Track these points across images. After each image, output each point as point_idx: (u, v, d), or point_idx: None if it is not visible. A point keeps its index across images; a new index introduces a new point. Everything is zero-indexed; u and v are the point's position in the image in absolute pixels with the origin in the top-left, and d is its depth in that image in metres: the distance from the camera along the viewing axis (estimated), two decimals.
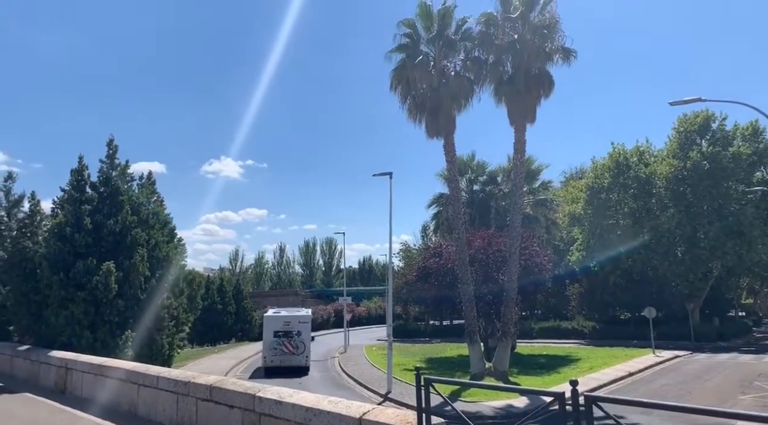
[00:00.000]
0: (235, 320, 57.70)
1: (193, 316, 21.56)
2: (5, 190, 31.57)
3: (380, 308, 76.61)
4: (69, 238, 17.76)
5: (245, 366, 33.57)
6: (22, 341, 19.84)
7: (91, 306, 16.92)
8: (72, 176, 19.23)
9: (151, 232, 19.26)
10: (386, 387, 22.43)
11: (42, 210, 23.51)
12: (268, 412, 7.34)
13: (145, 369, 10.69)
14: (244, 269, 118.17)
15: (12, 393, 13.86)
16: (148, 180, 21.10)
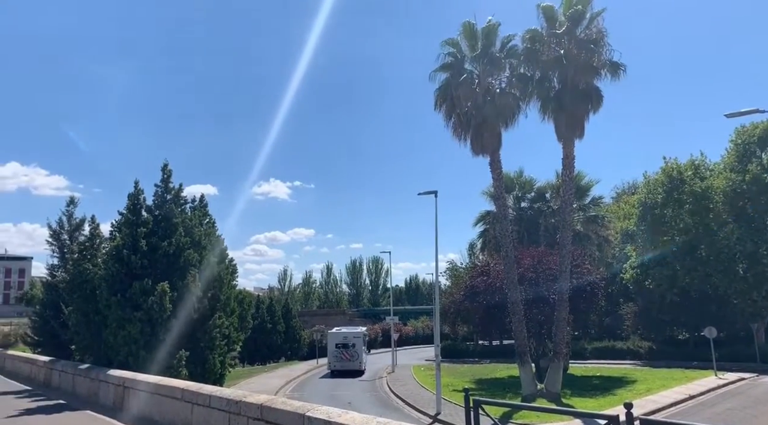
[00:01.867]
0: (285, 339, 58.31)
1: (243, 335, 21.97)
2: (68, 214, 33.22)
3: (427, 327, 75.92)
4: (126, 260, 18.46)
5: (295, 385, 33.81)
6: (83, 359, 20.61)
7: (147, 326, 17.47)
8: (129, 200, 20.04)
9: (203, 253, 19.81)
10: (435, 408, 22.17)
11: (101, 233, 24.56)
12: None
13: (198, 388, 10.93)
14: (292, 288, 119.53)
15: (74, 410, 14.39)
16: (201, 203, 21.78)
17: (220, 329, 19.02)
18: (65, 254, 32.39)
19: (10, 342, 65.27)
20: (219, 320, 18.95)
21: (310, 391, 29.71)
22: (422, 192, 24.93)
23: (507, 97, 24.92)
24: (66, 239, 32.73)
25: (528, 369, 24.53)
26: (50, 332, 30.53)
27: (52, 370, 20.81)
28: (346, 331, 42.46)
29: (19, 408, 15.22)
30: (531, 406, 17.23)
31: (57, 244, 32.84)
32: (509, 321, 26.12)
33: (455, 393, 25.75)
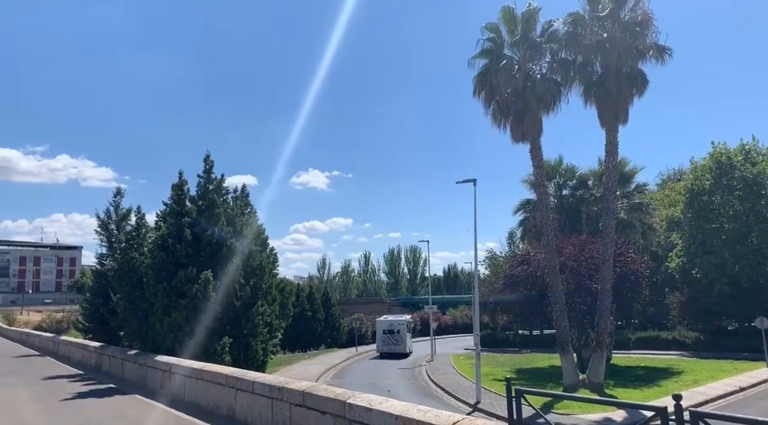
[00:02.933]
0: (324, 327, 59.05)
1: (285, 323, 22.31)
2: (115, 205, 34.22)
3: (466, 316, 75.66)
4: (171, 249, 18.92)
5: (335, 372, 34.22)
6: (131, 345, 21.30)
7: (191, 313, 17.91)
8: (173, 191, 20.50)
9: (245, 242, 20.15)
10: (475, 397, 22.12)
11: (147, 223, 25.26)
12: (359, 419, 7.42)
13: (241, 374, 11.15)
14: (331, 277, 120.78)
15: (124, 394, 14.88)
16: (242, 193, 22.14)
17: (262, 316, 19.36)
18: (113, 243, 33.41)
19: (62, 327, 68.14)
20: (261, 307, 19.29)
21: (350, 379, 30.02)
22: (461, 181, 24.75)
23: (548, 83, 24.42)
24: (113, 228, 33.73)
25: (570, 359, 24.18)
26: (100, 318, 31.59)
27: (103, 355, 21.57)
28: (392, 319, 48.20)
29: (72, 391, 15.85)
30: (575, 396, 16.97)
31: (105, 234, 33.88)
32: (550, 311, 25.77)
33: (495, 383, 25.62)
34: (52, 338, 34.94)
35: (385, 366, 37.73)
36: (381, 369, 35.31)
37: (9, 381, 18.70)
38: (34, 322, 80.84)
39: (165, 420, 11.22)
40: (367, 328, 62.39)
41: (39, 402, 14.04)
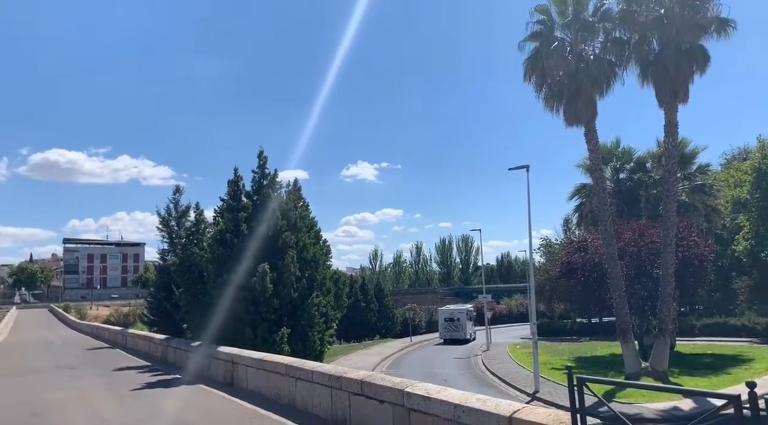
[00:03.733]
0: (378, 317, 59.51)
1: (340, 313, 22.60)
2: (174, 202, 35.38)
3: (521, 305, 74.63)
4: (229, 243, 19.45)
5: (391, 362, 34.48)
6: (194, 337, 22.05)
7: (250, 305, 18.39)
8: (229, 187, 21.04)
9: (299, 235, 20.48)
10: (533, 386, 21.85)
11: (205, 219, 26.04)
12: (417, 408, 7.45)
13: (301, 364, 11.37)
14: (383, 268, 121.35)
15: (189, 384, 15.43)
16: (295, 187, 22.47)
17: (318, 307, 19.67)
18: (173, 239, 34.60)
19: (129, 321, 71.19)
20: (316, 299, 19.60)
21: (406, 368, 30.18)
22: (513, 167, 24.36)
23: (602, 64, 23.65)
24: (174, 225, 34.89)
25: (631, 346, 23.52)
26: (164, 312, 32.79)
27: (168, 347, 22.41)
28: (453, 308, 52.94)
29: (141, 381, 16.57)
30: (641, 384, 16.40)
31: (166, 230, 35.09)
32: (609, 298, 25.10)
33: (553, 372, 25.21)
34: (120, 331, 36.56)
35: (440, 355, 37.73)
36: (437, 359, 35.34)
37: (83, 373, 19.73)
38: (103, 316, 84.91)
39: (229, 409, 11.58)
40: (421, 318, 62.50)
41: (111, 392, 14.74)
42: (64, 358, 26.17)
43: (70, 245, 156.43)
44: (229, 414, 11.04)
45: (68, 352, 29.95)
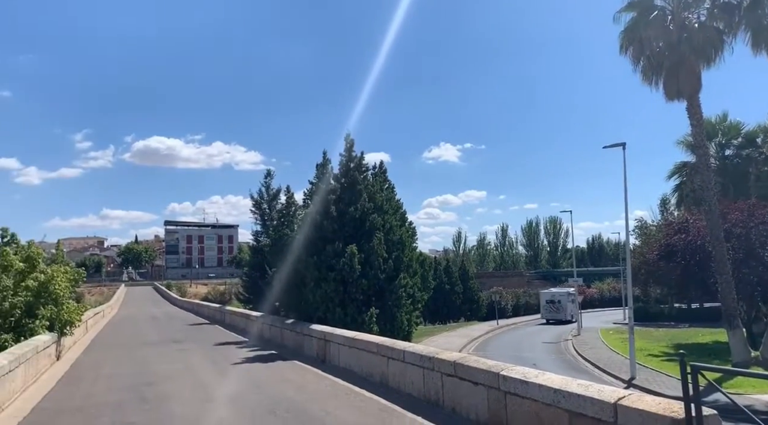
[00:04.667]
0: (463, 300, 59.25)
1: (426, 295, 22.68)
2: (266, 186, 36.75)
3: (613, 289, 71.72)
4: (319, 225, 19.97)
5: (477, 345, 34.29)
6: (287, 315, 22.93)
7: (340, 285, 18.83)
8: (317, 170, 21.54)
9: (385, 217, 20.66)
10: (629, 372, 20.98)
11: (296, 201, 26.87)
12: (513, 391, 7.34)
13: (391, 344, 11.52)
14: (467, 250, 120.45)
15: (284, 360, 16.08)
16: (380, 169, 22.66)
17: (405, 288, 19.85)
18: (266, 221, 36.09)
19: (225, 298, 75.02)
20: (404, 280, 19.76)
21: (493, 351, 29.89)
22: (608, 145, 23.25)
23: (708, 32, 21.93)
24: (266, 208, 36.36)
25: (739, 334, 22.00)
26: (258, 290, 34.29)
27: (263, 324, 23.44)
28: (555, 291, 56.60)
29: (240, 356, 17.46)
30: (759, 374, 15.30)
31: (258, 212, 36.65)
32: (713, 282, 23.55)
33: (650, 358, 24.11)
34: (218, 308, 38.66)
35: (529, 339, 37.07)
36: (524, 343, 34.76)
37: (187, 347, 21.06)
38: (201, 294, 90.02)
39: (324, 384, 11.95)
40: (507, 301, 61.58)
41: (214, 365, 15.65)
42: (169, 332, 28.07)
43: (170, 227, 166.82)
44: (324, 389, 11.39)
45: (172, 327, 32.07)
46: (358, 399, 10.28)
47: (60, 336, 17.22)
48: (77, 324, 18.56)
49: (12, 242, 18.10)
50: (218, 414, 9.38)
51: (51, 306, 16.30)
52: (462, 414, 8.52)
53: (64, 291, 17.06)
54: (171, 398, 10.89)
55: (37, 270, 16.55)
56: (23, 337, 14.74)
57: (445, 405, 9.03)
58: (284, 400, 10.26)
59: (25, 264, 16.45)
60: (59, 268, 17.66)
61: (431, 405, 9.32)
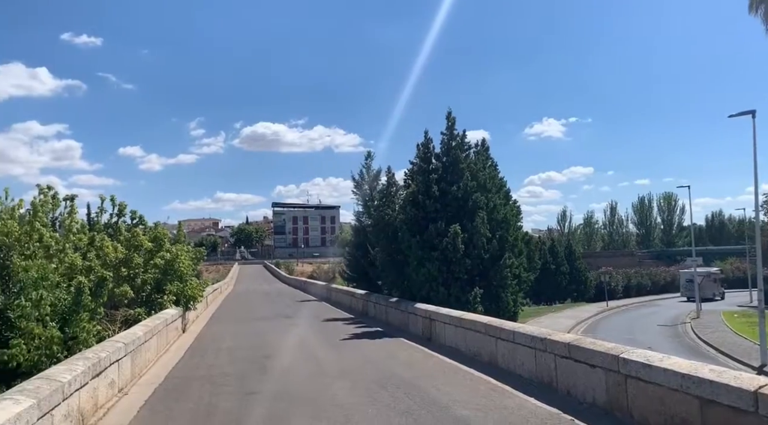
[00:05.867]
0: (569, 280, 57.38)
1: (533, 275, 22.16)
2: (366, 167, 37.28)
3: (737, 270, 66.46)
4: (421, 204, 20.01)
5: (586, 326, 33.14)
6: (390, 293, 23.31)
7: (443, 265, 18.82)
8: (419, 150, 21.50)
9: (489, 196, 20.32)
10: (759, 359, 19.38)
11: (396, 182, 27.05)
12: (635, 375, 7.00)
13: (500, 324, 11.37)
14: (572, 229, 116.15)
15: (390, 337, 16.39)
16: (482, 147, 22.24)
17: (510, 268, 19.48)
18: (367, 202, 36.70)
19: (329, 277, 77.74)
20: (509, 260, 19.40)
21: (604, 333, 28.74)
22: (734, 114, 21.25)
23: None
24: (366, 188, 36.94)
25: None
26: (361, 269, 35.07)
27: (368, 302, 24.02)
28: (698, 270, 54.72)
29: (348, 332, 18.02)
30: None
31: (360, 193, 37.28)
32: None
33: None
34: (325, 286, 40.12)
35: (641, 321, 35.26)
36: (637, 325, 33.09)
37: (298, 322, 22.07)
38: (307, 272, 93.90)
39: (431, 362, 12.06)
40: (617, 282, 58.85)
41: (324, 340, 16.26)
42: (280, 308, 29.56)
43: (277, 209, 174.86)
44: (432, 367, 11.48)
45: (283, 303, 33.73)
46: (467, 377, 10.27)
47: (185, 311, 18.65)
48: (200, 299, 20.01)
49: (140, 223, 19.69)
50: (334, 386, 9.75)
51: (177, 283, 17.65)
52: (577, 397, 8.26)
53: (187, 269, 18.42)
54: (288, 370, 11.47)
55: (164, 249, 17.93)
56: (153, 311, 16.07)
57: (559, 387, 8.79)
58: (394, 376, 10.46)
59: (153, 244, 17.87)
60: (182, 247, 19.06)
61: (544, 386, 9.12)
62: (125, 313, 14.63)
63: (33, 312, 9.92)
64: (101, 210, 19.24)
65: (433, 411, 7.85)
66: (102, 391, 8.54)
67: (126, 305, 15.06)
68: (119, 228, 18.37)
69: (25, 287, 10.26)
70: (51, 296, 10.53)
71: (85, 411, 7.62)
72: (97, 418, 8.02)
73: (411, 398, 8.67)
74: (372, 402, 8.48)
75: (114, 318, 13.94)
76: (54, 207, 17.14)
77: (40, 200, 16.34)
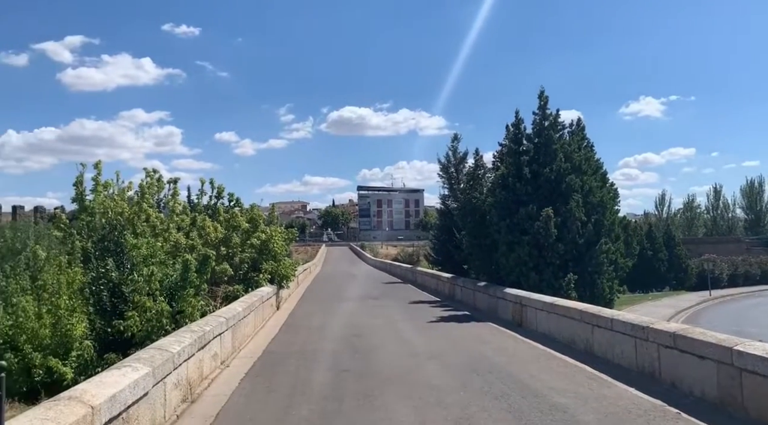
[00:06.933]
0: (668, 267, 54.31)
1: (631, 262, 21.13)
2: (452, 149, 36.92)
3: None
4: (511, 187, 19.50)
5: (686, 316, 31.34)
6: (477, 278, 23.05)
7: (534, 249, 18.29)
8: (509, 130, 20.94)
9: (584, 178, 19.46)
10: None
11: (485, 164, 26.59)
12: (752, 369, 6.51)
13: (597, 311, 10.93)
14: (671, 214, 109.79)
15: (478, 321, 16.23)
16: (578, 127, 21.30)
17: (606, 254, 18.62)
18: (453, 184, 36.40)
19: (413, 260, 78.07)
20: (605, 245, 18.54)
21: (707, 325, 26.97)
22: None
23: None
24: (453, 171, 36.61)
25: None
26: (446, 252, 34.94)
27: (455, 285, 23.92)
28: None
29: (434, 315, 18.04)
30: None
31: (446, 176, 37.04)
32: None
33: None
34: (410, 268, 40.36)
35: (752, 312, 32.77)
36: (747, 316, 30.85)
37: (385, 303, 22.35)
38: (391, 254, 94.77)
39: (523, 348, 11.81)
40: (722, 270, 55.04)
41: (412, 322, 16.36)
42: (367, 289, 30.06)
43: (362, 192, 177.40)
44: (524, 353, 11.25)
45: (369, 284, 34.29)
46: (562, 365, 9.98)
47: (278, 289, 19.39)
48: (292, 278, 20.74)
49: (237, 205, 20.60)
50: (424, 368, 9.78)
51: (271, 262, 18.37)
52: (683, 390, 7.80)
53: (281, 249, 19.11)
54: (378, 350, 11.63)
55: (259, 230, 18.68)
56: (250, 288, 16.83)
57: (662, 378, 8.35)
58: (484, 360, 10.34)
59: (250, 224, 18.66)
60: (276, 228, 19.77)
61: (645, 377, 8.69)
62: (225, 289, 15.42)
63: (144, 287, 10.65)
64: (201, 192, 20.35)
65: (528, 397, 7.69)
66: (206, 363, 9.05)
67: (225, 282, 15.87)
68: (218, 209, 19.33)
69: (137, 263, 11.03)
70: (159, 272, 11.25)
71: (192, 380, 8.10)
72: (203, 388, 8.51)
73: (504, 383, 8.54)
74: (463, 386, 8.43)
75: (215, 294, 14.75)
76: (159, 189, 18.31)
77: (146, 182, 17.51)
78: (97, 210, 14.36)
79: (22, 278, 11.07)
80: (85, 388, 5.01)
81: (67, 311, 9.88)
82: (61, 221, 15.24)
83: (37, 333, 9.63)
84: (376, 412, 7.17)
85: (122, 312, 10.37)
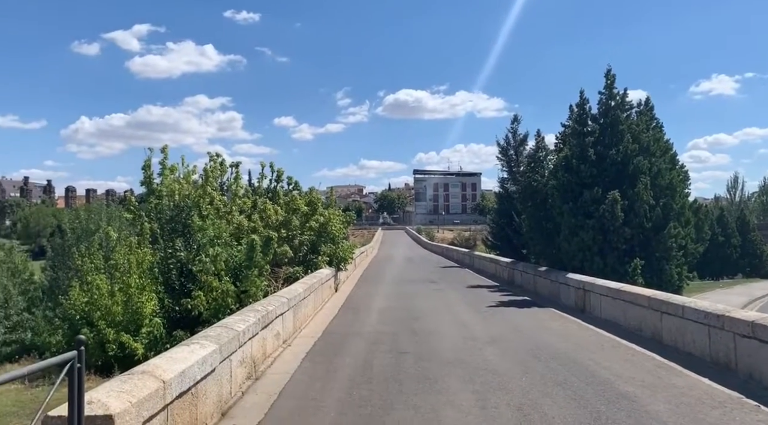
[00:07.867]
0: (741, 254, 51.61)
1: (702, 247, 20.15)
2: (512, 131, 36.13)
3: None
4: (575, 169, 18.89)
5: (761, 305, 29.73)
6: (537, 262, 22.58)
7: (599, 234, 17.73)
8: (574, 111, 20.27)
9: (652, 160, 18.65)
10: None
11: (546, 146, 25.90)
12: None
13: (667, 298, 10.48)
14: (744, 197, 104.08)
15: (539, 307, 15.91)
16: (646, 106, 20.36)
17: (675, 239, 17.81)
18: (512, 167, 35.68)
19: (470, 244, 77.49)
20: (674, 230, 17.73)
21: None
22: None
23: None
24: (512, 154, 35.87)
25: None
26: (504, 237, 34.46)
27: (514, 270, 23.52)
28: None
29: (494, 300, 17.81)
30: None
31: (505, 159, 36.33)
32: None
33: None
34: (467, 253, 40.02)
35: None
36: None
37: (442, 287, 22.26)
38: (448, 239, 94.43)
39: (587, 334, 11.49)
40: None
41: (470, 306, 16.22)
42: (424, 273, 30.03)
43: (418, 176, 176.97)
44: (588, 339, 10.94)
45: (426, 268, 34.24)
46: (629, 352, 9.64)
47: (337, 271, 19.61)
48: (350, 260, 20.93)
49: (296, 188, 20.89)
50: (484, 352, 9.67)
51: (330, 244, 18.58)
52: (762, 382, 7.37)
53: (338, 232, 19.30)
54: (436, 333, 11.59)
55: (318, 213, 18.90)
56: (309, 270, 17.10)
57: (738, 368, 7.92)
58: (547, 346, 10.12)
59: (308, 208, 18.90)
60: (334, 211, 19.95)
61: (719, 367, 8.28)
62: (286, 271, 15.72)
63: (211, 267, 10.97)
64: (262, 176, 20.72)
65: (593, 385, 7.46)
66: (269, 341, 9.25)
67: (286, 263, 16.17)
68: (278, 193, 19.65)
69: (204, 244, 11.37)
70: (224, 253, 11.56)
71: (256, 358, 8.31)
72: (266, 366, 8.71)
73: (568, 370, 8.33)
74: (525, 371, 8.27)
75: (277, 275, 15.05)
76: (222, 173, 18.78)
77: (210, 166, 17.99)
78: (164, 193, 14.88)
79: (96, 257, 11.65)
80: (157, 363, 5.20)
81: (138, 290, 10.33)
82: (131, 204, 15.90)
83: (110, 310, 10.12)
84: (436, 395, 7.14)
85: (189, 291, 10.74)
